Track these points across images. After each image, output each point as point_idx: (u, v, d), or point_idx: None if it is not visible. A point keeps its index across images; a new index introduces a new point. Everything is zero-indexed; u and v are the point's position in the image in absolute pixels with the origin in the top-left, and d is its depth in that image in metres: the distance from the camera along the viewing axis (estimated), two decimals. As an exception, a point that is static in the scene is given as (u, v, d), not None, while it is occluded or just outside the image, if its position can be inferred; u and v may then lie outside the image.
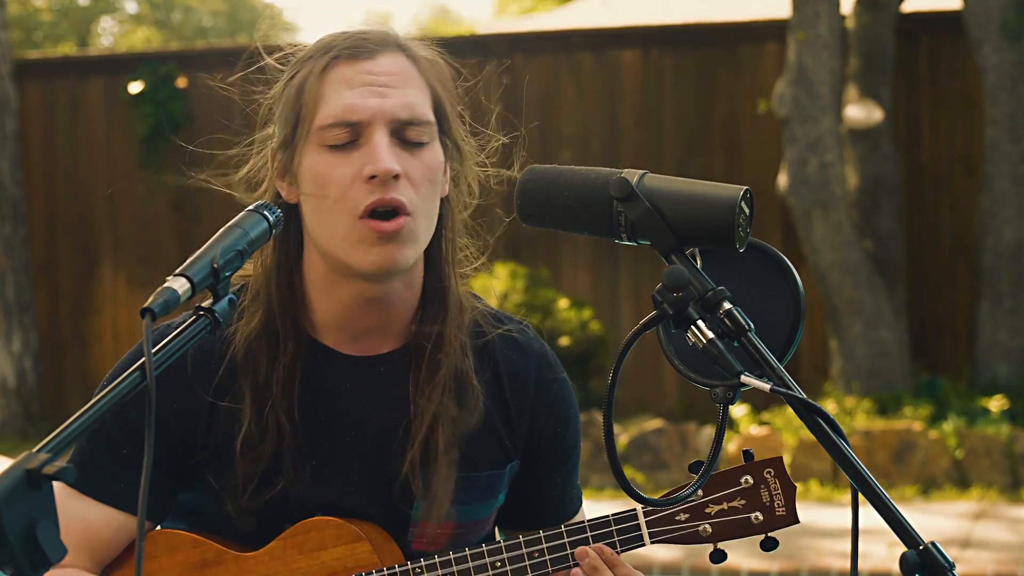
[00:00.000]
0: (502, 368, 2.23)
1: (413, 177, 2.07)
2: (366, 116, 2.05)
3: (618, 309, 10.73)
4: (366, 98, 2.06)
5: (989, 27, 9.51)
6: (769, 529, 2.15)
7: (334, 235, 2.07)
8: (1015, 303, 9.58)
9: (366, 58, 2.09)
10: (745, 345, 1.61)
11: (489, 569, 2.13)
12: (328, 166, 2.06)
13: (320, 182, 2.07)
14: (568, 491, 2.31)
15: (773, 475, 2.15)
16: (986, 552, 6.99)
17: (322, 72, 2.09)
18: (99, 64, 12.46)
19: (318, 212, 2.09)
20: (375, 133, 2.05)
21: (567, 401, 2.29)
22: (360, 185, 2.04)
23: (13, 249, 11.26)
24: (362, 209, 2.04)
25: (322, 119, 2.07)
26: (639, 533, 2.15)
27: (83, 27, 27.91)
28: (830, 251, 9.50)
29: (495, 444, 2.22)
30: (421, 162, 2.08)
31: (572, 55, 11.05)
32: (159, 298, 1.63)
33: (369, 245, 2.05)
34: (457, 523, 2.19)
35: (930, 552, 1.49)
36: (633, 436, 9.10)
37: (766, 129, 10.35)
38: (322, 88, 2.08)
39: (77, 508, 2.14)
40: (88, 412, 1.55)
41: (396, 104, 2.07)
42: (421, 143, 2.09)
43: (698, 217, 1.65)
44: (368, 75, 2.08)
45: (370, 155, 2.05)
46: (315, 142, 2.07)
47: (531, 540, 2.14)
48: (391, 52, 2.11)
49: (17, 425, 11.17)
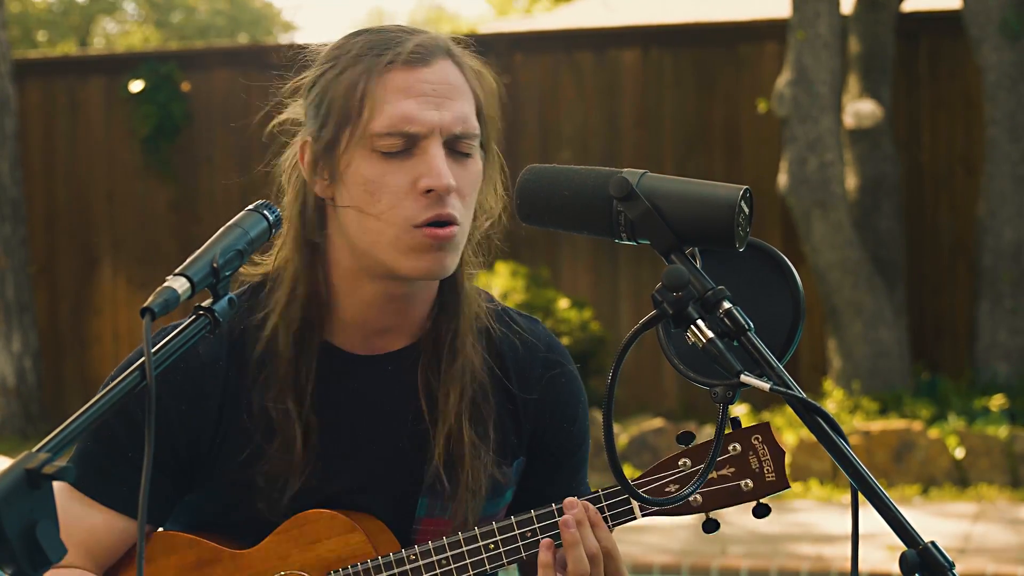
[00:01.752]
0: (509, 363, 2.24)
1: (462, 189, 2.09)
2: (424, 129, 2.05)
3: (618, 309, 10.73)
4: (424, 110, 2.05)
5: (989, 27, 9.51)
6: (760, 495, 2.14)
7: (380, 240, 2.08)
8: (1015, 303, 9.58)
9: (422, 65, 2.08)
10: (745, 345, 1.61)
11: (483, 552, 2.13)
12: (381, 173, 2.06)
13: (371, 188, 2.06)
14: (576, 485, 2.31)
15: (761, 441, 2.15)
16: (986, 552, 6.99)
17: (378, 76, 2.07)
18: (99, 64, 12.47)
19: (364, 216, 2.08)
20: (431, 146, 2.06)
21: (575, 395, 2.29)
22: (416, 196, 2.05)
23: (13, 249, 11.26)
24: (419, 220, 2.06)
25: (378, 126, 2.05)
26: (630, 507, 2.14)
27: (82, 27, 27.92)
28: (830, 251, 9.50)
29: (503, 440, 2.22)
30: (468, 173, 2.10)
31: (572, 55, 11.05)
32: (159, 298, 1.63)
33: (421, 252, 2.07)
34: (466, 521, 2.19)
35: (930, 552, 1.49)
36: (633, 435, 9.11)
37: (766, 129, 10.35)
38: (378, 93, 2.06)
39: (80, 511, 2.14)
40: (88, 412, 1.56)
41: (452, 118, 2.07)
42: (469, 154, 2.10)
43: (698, 217, 1.65)
44: (425, 84, 2.07)
45: (428, 168, 2.05)
46: (367, 147, 2.06)
47: (523, 520, 2.14)
48: (443, 60, 2.10)
49: (17, 425, 11.18)
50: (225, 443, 2.15)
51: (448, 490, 2.16)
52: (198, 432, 2.14)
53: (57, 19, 27.52)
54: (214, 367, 2.14)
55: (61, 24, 27.49)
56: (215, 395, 2.14)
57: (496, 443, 2.20)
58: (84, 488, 2.14)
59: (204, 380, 2.14)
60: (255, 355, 2.15)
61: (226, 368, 2.15)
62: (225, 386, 2.15)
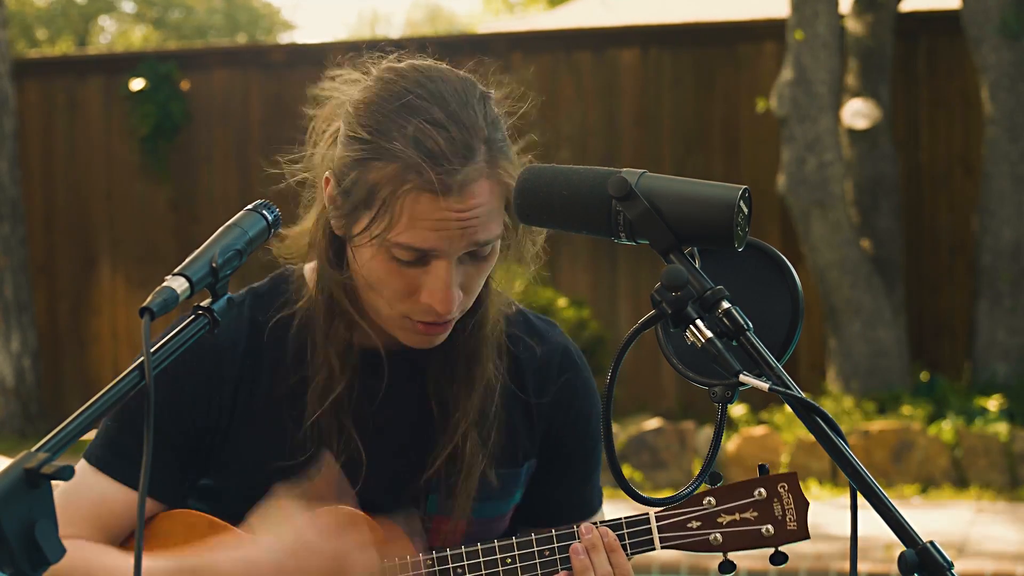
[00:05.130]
0: (524, 365, 2.24)
1: (470, 287, 2.08)
2: (441, 252, 2.02)
3: (616, 308, 10.73)
4: (448, 238, 2.00)
5: (988, 26, 9.52)
6: (779, 543, 2.15)
7: (378, 309, 2.09)
8: (1014, 302, 9.59)
9: (456, 195, 1.98)
10: (744, 344, 1.61)
11: (499, 565, 2.13)
12: (387, 273, 2.04)
13: (374, 280, 2.05)
14: (588, 489, 2.32)
15: (787, 490, 2.16)
16: (984, 552, 6.99)
17: (404, 194, 1.98)
18: (98, 63, 12.46)
19: (366, 290, 2.09)
20: (444, 266, 2.02)
21: (589, 399, 2.29)
22: (416, 300, 2.04)
23: (12, 248, 11.26)
24: (415, 319, 2.06)
25: (395, 237, 2.00)
26: (650, 537, 2.16)
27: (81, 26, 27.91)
28: (829, 250, 9.50)
29: (514, 443, 2.23)
30: (480, 270, 2.08)
31: (571, 54, 11.05)
32: (158, 297, 1.64)
33: (411, 332, 2.09)
34: (473, 520, 2.20)
35: (928, 552, 1.49)
36: (632, 435, 9.11)
37: (765, 128, 10.35)
38: (401, 210, 1.99)
39: (92, 483, 2.15)
40: (87, 411, 1.56)
41: (473, 240, 2.02)
42: (486, 256, 2.07)
43: (697, 216, 1.64)
44: (454, 214, 1.99)
45: (434, 290, 2.02)
46: (381, 245, 2.02)
47: (543, 539, 2.14)
48: (479, 181, 2.01)
49: (15, 424, 11.18)
50: (238, 429, 2.15)
51: (446, 491, 2.16)
52: (210, 413, 2.15)
53: (56, 18, 27.52)
54: (232, 351, 2.14)
55: (60, 23, 27.48)
56: (231, 379, 2.15)
57: (501, 448, 2.20)
58: (94, 460, 2.16)
59: (221, 363, 2.14)
60: (277, 346, 2.16)
61: (243, 354, 2.15)
62: (241, 373, 2.15)
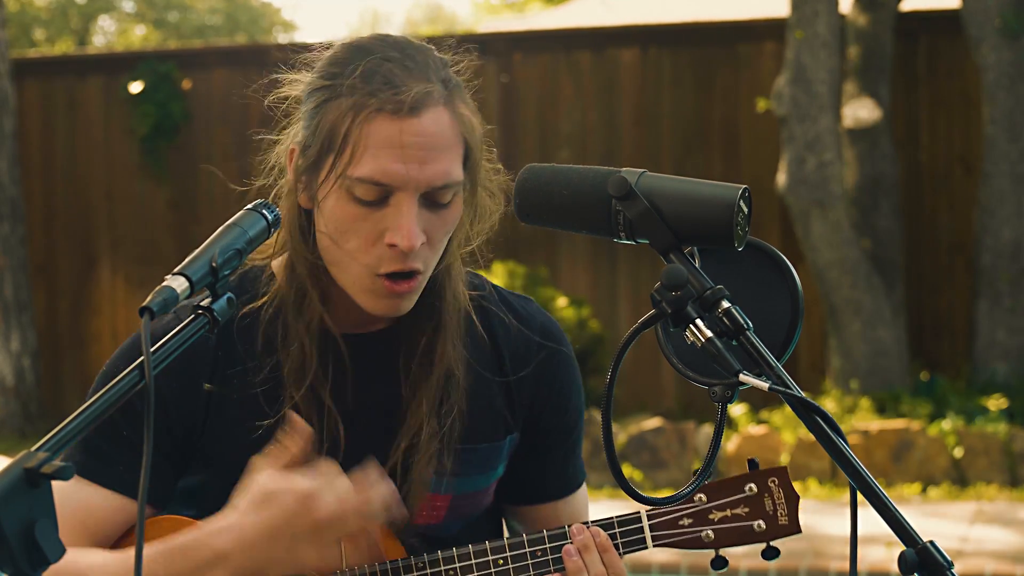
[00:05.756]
0: (501, 341, 2.24)
1: (433, 237, 2.08)
2: (401, 182, 2.03)
3: (616, 308, 10.73)
4: (405, 163, 2.02)
5: (987, 26, 9.52)
6: (771, 537, 2.16)
7: (345, 277, 2.10)
8: (1013, 302, 9.58)
9: (412, 116, 2.03)
10: (743, 344, 1.61)
11: (492, 567, 2.13)
12: (352, 219, 2.05)
13: (340, 230, 2.07)
14: (571, 464, 2.32)
15: (777, 484, 2.16)
16: (984, 551, 6.99)
17: (366, 120, 2.03)
18: (98, 63, 12.46)
19: (333, 252, 2.10)
20: (405, 200, 2.04)
21: (569, 374, 2.29)
22: (381, 247, 2.05)
23: (11, 248, 11.25)
24: (380, 271, 2.06)
25: (357, 171, 2.03)
26: (642, 536, 2.16)
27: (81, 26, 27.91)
28: (828, 250, 9.50)
29: (494, 417, 2.23)
30: (443, 221, 2.09)
31: (570, 54, 11.05)
32: (158, 297, 1.64)
33: (379, 296, 2.09)
34: (455, 495, 2.20)
35: (928, 551, 1.49)
36: (632, 435, 9.10)
37: (765, 128, 10.35)
38: (362, 137, 2.03)
39: (73, 489, 2.14)
40: (86, 411, 1.56)
41: (433, 173, 2.04)
42: (447, 204, 2.08)
43: (696, 216, 1.65)
44: (411, 136, 2.03)
45: (396, 223, 2.04)
46: (343, 186, 2.05)
47: (535, 539, 2.14)
48: (435, 107, 2.05)
49: (15, 424, 11.17)
50: (214, 424, 2.16)
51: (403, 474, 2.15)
52: (190, 412, 2.15)
53: (56, 18, 27.51)
54: (202, 347, 2.13)
55: (60, 23, 27.48)
56: (204, 376, 2.15)
57: (477, 424, 2.20)
58: (79, 469, 2.14)
59: (194, 360, 2.14)
60: (247, 338, 2.16)
61: (214, 349, 2.16)
62: (214, 367, 2.16)
